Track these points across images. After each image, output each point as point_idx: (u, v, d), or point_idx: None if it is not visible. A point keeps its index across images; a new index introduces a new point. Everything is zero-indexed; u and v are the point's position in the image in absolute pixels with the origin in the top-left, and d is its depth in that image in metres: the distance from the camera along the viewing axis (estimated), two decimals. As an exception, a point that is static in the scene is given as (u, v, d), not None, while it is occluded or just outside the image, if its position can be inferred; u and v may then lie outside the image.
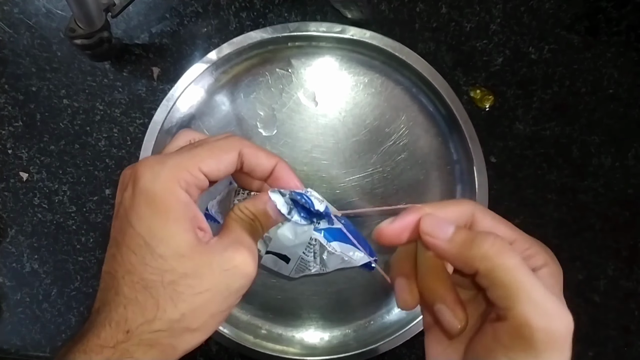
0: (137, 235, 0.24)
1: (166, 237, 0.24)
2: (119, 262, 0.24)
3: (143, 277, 0.24)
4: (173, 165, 0.25)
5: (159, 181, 0.25)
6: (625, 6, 0.51)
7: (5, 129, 0.50)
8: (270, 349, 0.46)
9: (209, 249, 0.25)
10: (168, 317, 0.24)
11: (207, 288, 0.24)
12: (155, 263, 0.24)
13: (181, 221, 0.25)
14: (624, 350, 0.50)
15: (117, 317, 0.23)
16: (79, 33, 0.44)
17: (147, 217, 0.24)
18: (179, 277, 0.24)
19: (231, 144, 0.28)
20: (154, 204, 0.24)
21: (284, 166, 0.29)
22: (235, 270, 0.25)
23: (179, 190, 0.25)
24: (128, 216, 0.25)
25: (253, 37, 0.46)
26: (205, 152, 0.26)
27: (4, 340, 0.49)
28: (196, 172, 0.26)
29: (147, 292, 0.24)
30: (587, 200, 0.50)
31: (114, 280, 0.24)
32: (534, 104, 0.50)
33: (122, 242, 0.25)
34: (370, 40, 0.46)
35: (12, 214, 0.49)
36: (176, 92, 0.46)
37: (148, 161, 0.25)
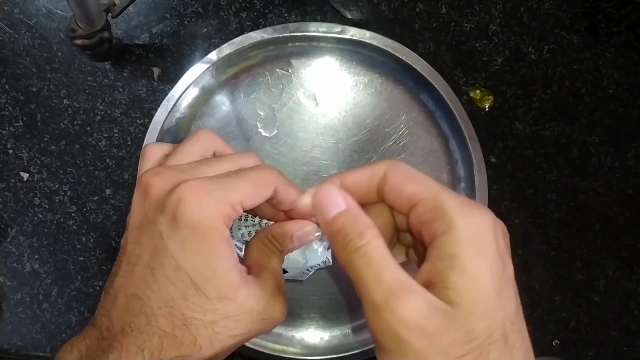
0: (180, 269, 0.23)
1: (211, 277, 0.23)
2: (154, 290, 0.23)
3: (183, 312, 0.23)
4: (220, 199, 0.24)
5: (207, 216, 0.23)
6: (625, 6, 0.51)
7: (5, 129, 0.50)
8: (270, 349, 0.46)
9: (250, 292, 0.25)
10: (203, 354, 0.24)
11: (243, 332, 0.25)
12: (198, 301, 0.23)
13: (226, 260, 0.24)
14: (624, 350, 0.50)
15: (151, 347, 0.23)
16: (80, 33, 0.44)
17: (192, 252, 0.23)
18: (220, 318, 0.24)
19: (271, 179, 0.27)
20: (200, 240, 0.23)
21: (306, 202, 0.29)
22: (272, 321, 0.26)
23: (224, 228, 0.24)
24: (167, 245, 0.23)
25: (253, 38, 0.46)
26: (248, 186, 0.25)
27: (4, 340, 0.49)
28: (238, 207, 0.25)
29: (187, 329, 0.23)
30: (587, 200, 0.50)
31: (144, 308, 0.23)
32: (534, 104, 0.50)
33: (159, 271, 0.23)
34: (370, 41, 0.46)
35: (13, 213, 0.49)
36: (176, 92, 0.46)
37: (193, 187, 0.24)
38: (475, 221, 0.22)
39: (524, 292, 0.50)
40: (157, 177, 0.25)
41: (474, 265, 0.21)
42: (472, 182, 0.46)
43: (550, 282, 0.50)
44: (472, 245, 0.22)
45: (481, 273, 0.21)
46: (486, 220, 0.22)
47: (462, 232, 0.22)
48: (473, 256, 0.21)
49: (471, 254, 0.21)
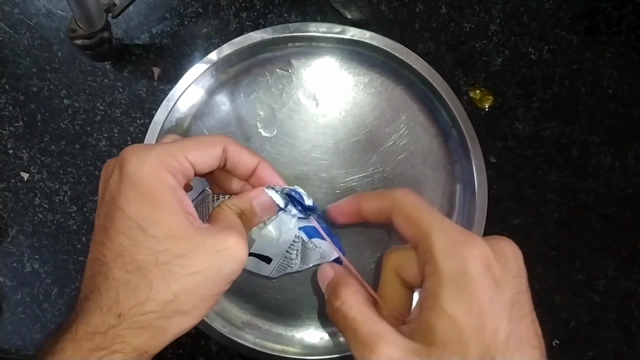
0: (127, 218, 0.24)
1: (158, 219, 0.24)
2: (108, 247, 0.24)
3: (136, 258, 0.24)
4: (160, 152, 0.25)
5: (146, 165, 0.25)
6: (625, 6, 0.51)
7: (5, 129, 0.50)
8: (270, 349, 0.46)
9: (202, 232, 0.25)
10: (161, 297, 0.23)
11: (200, 269, 0.24)
12: (148, 244, 0.24)
13: (171, 203, 0.25)
14: (624, 350, 0.50)
15: (108, 302, 0.23)
16: (80, 33, 0.44)
17: (136, 200, 0.24)
18: (173, 257, 0.24)
19: (216, 139, 0.28)
20: (142, 187, 0.24)
21: (267, 165, 0.30)
22: (228, 252, 0.25)
23: (166, 174, 0.25)
24: (116, 201, 0.24)
25: (253, 38, 0.46)
26: (192, 143, 0.27)
27: (5, 340, 0.49)
28: (183, 159, 0.26)
29: (141, 273, 0.23)
30: (587, 200, 0.50)
31: (102, 266, 0.24)
32: (534, 104, 0.50)
33: (110, 227, 0.24)
34: (370, 41, 0.46)
35: (13, 213, 0.49)
36: (176, 93, 0.46)
37: (134, 147, 0.25)
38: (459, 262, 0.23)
39: (524, 292, 0.50)
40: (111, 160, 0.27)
41: (452, 306, 0.22)
42: (472, 182, 0.46)
43: (550, 282, 0.50)
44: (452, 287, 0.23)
45: (459, 313, 0.22)
46: (475, 255, 0.23)
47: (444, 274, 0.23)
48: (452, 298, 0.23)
49: (451, 296, 0.23)
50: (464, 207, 0.47)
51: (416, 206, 0.26)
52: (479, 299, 0.23)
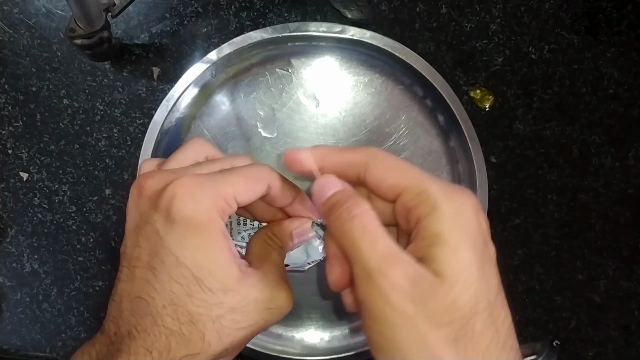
0: (180, 265, 0.23)
1: (214, 270, 0.23)
2: (157, 290, 0.23)
3: (189, 309, 0.23)
4: (213, 193, 0.24)
5: (201, 209, 0.23)
6: (626, 6, 0.51)
7: (5, 129, 0.50)
8: (270, 349, 0.46)
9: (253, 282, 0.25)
10: (212, 351, 0.23)
11: (250, 324, 0.24)
12: (203, 296, 0.23)
13: (226, 252, 0.24)
14: (624, 350, 0.50)
15: (159, 347, 0.23)
16: (79, 33, 0.44)
17: (191, 246, 0.23)
18: (226, 311, 0.24)
19: (264, 175, 0.27)
20: (198, 234, 0.23)
21: (304, 197, 0.29)
22: (277, 310, 0.26)
23: (219, 220, 0.24)
24: (165, 242, 0.23)
25: (253, 37, 0.46)
26: (241, 181, 0.25)
27: (4, 340, 0.49)
28: (232, 201, 0.25)
29: (194, 326, 0.23)
30: (588, 200, 0.50)
31: (150, 308, 0.23)
32: (534, 103, 0.50)
33: (161, 270, 0.23)
34: (370, 40, 0.46)
35: (12, 213, 0.49)
36: (176, 92, 0.46)
37: (185, 183, 0.24)
38: (458, 203, 0.23)
39: (524, 292, 0.50)
40: (149, 179, 0.25)
41: (456, 240, 0.22)
42: (472, 182, 0.46)
43: (551, 282, 0.50)
44: (454, 223, 0.22)
45: (463, 247, 0.22)
46: (470, 203, 0.23)
47: (445, 212, 0.22)
48: (456, 233, 0.22)
49: (454, 231, 0.22)
50: (464, 207, 0.47)
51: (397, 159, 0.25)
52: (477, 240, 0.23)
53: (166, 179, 0.24)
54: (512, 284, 0.50)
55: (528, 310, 0.50)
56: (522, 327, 0.50)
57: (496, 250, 0.25)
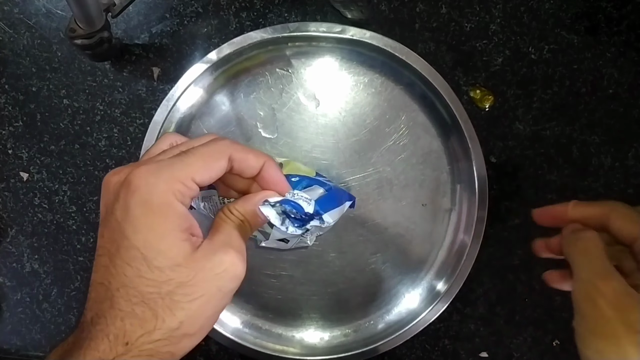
0: (132, 247, 0.24)
1: (163, 249, 0.25)
2: (112, 274, 0.24)
3: (140, 289, 0.24)
4: (168, 177, 0.25)
5: (155, 194, 0.25)
6: (626, 6, 0.51)
7: (5, 129, 0.50)
8: (270, 349, 0.46)
9: (201, 254, 0.26)
10: (167, 326, 0.24)
11: (202, 294, 0.25)
12: (152, 275, 0.24)
13: (178, 232, 0.25)
14: (624, 350, 0.50)
15: (115, 330, 0.24)
16: (79, 33, 0.44)
17: (144, 229, 0.24)
18: (176, 286, 0.24)
19: (221, 150, 0.28)
20: (152, 217, 0.25)
21: (272, 165, 0.30)
22: (225, 273, 0.26)
23: (176, 202, 0.25)
24: (122, 228, 0.25)
25: (253, 37, 0.46)
26: (198, 161, 0.27)
27: (4, 340, 0.49)
28: (190, 183, 0.26)
29: (145, 305, 0.24)
30: (588, 200, 0.50)
31: (107, 292, 0.24)
32: (534, 104, 0.50)
33: (115, 254, 0.25)
34: (370, 40, 0.46)
35: (13, 214, 0.49)
36: (176, 92, 0.46)
37: (141, 172, 0.25)
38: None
39: (524, 292, 0.50)
40: (113, 175, 0.26)
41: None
42: (472, 182, 0.46)
43: (550, 282, 0.50)
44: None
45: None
46: None
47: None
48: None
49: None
50: (464, 207, 0.47)
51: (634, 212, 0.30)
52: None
53: (127, 172, 0.26)
54: (512, 284, 0.50)
55: (528, 310, 0.50)
56: (522, 327, 0.50)
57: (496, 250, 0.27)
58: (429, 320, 0.46)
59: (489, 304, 0.50)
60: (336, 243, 0.47)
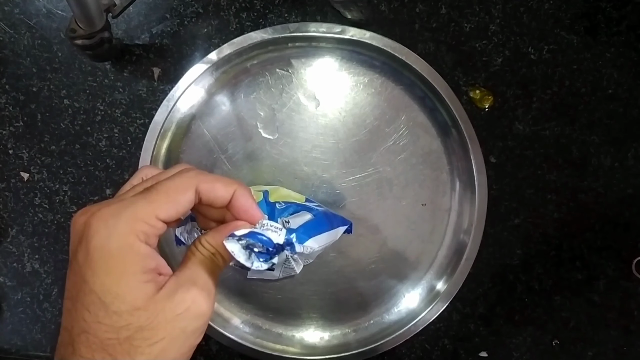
0: (90, 292, 0.24)
1: (121, 293, 0.24)
2: (74, 318, 0.24)
3: (98, 336, 0.24)
4: (129, 218, 0.24)
5: (114, 237, 0.24)
6: (625, 6, 0.51)
7: (6, 129, 0.50)
8: (271, 349, 0.46)
9: (163, 294, 0.25)
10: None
11: (162, 337, 0.24)
12: (109, 320, 0.24)
13: (138, 275, 0.24)
14: (624, 350, 0.50)
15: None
16: (80, 33, 0.44)
17: (102, 273, 0.24)
18: (135, 331, 0.24)
19: (186, 182, 0.27)
20: (110, 261, 0.24)
21: (242, 193, 0.28)
22: (187, 313, 0.25)
23: (138, 244, 0.25)
24: (82, 272, 0.24)
25: (253, 38, 0.46)
26: (161, 197, 0.26)
27: (5, 340, 0.49)
28: (154, 221, 0.25)
29: (105, 351, 0.23)
30: (587, 200, 0.50)
31: (70, 337, 0.24)
32: (534, 104, 0.50)
33: (76, 298, 0.24)
34: (370, 41, 0.46)
35: (13, 213, 0.49)
36: (177, 93, 0.46)
37: (101, 214, 0.24)
38: None
39: (524, 292, 0.50)
40: (79, 215, 0.25)
41: None
42: (472, 182, 0.46)
43: (550, 282, 0.50)
44: None
45: None
46: None
47: None
48: None
49: None
50: (464, 207, 0.47)
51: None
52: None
53: (91, 212, 0.25)
54: (512, 284, 0.50)
55: (528, 310, 0.50)
56: (521, 327, 0.50)
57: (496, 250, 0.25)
58: (428, 320, 0.46)
59: (489, 304, 0.50)
60: (336, 243, 0.47)
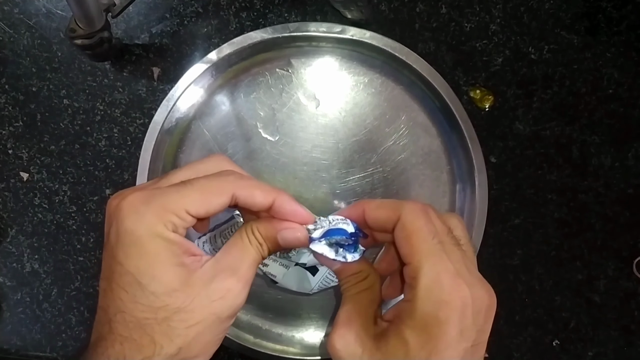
0: (126, 272, 0.24)
1: (157, 275, 0.24)
2: (110, 298, 0.25)
3: (135, 314, 0.24)
4: (158, 207, 0.25)
5: (143, 224, 0.25)
6: (626, 6, 0.51)
7: (5, 129, 0.50)
8: (271, 349, 0.46)
9: (200, 278, 0.25)
10: (165, 352, 0.24)
11: (198, 320, 0.25)
12: (146, 301, 0.24)
13: (169, 259, 0.25)
14: (624, 350, 0.50)
15: (114, 354, 0.24)
16: (79, 33, 0.44)
17: (135, 256, 0.24)
18: (172, 312, 0.24)
19: (224, 187, 0.27)
20: (141, 246, 0.24)
21: (284, 200, 0.28)
22: (222, 301, 0.25)
23: (166, 232, 0.25)
24: (115, 254, 0.25)
25: (253, 37, 0.46)
26: (195, 194, 0.26)
27: (4, 340, 0.49)
28: (183, 214, 0.25)
29: (142, 330, 0.24)
30: (587, 200, 0.50)
31: (106, 316, 0.24)
32: (534, 104, 0.50)
33: (111, 279, 0.25)
34: (370, 41, 0.46)
35: (13, 214, 0.49)
36: (176, 92, 0.46)
37: (133, 199, 0.25)
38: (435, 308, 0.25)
39: (524, 292, 0.50)
40: (113, 198, 0.26)
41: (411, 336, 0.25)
42: (472, 182, 0.46)
43: (551, 282, 0.50)
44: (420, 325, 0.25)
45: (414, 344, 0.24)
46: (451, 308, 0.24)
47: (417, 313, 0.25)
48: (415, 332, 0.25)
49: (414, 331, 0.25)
50: (464, 207, 0.47)
51: (419, 230, 0.26)
52: (437, 341, 0.24)
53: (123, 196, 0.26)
54: (512, 284, 0.50)
55: (528, 310, 0.50)
56: (522, 327, 0.50)
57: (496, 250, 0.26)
58: (429, 320, 0.46)
59: (489, 304, 0.50)
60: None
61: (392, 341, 0.25)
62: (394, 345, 0.25)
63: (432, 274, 0.25)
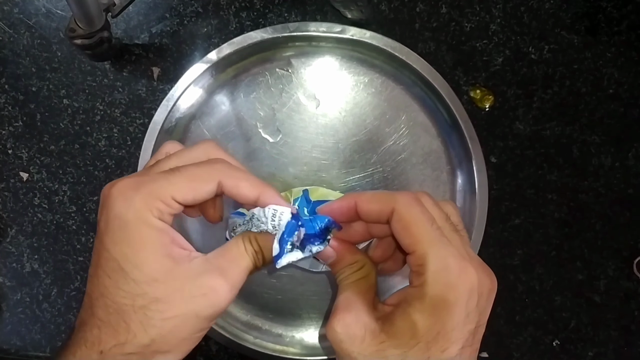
0: (111, 258, 0.24)
1: (140, 263, 0.24)
2: (94, 283, 0.25)
3: (115, 300, 0.24)
4: (146, 194, 0.25)
5: (131, 210, 0.25)
6: (626, 6, 0.51)
7: (5, 129, 0.50)
8: (271, 349, 0.46)
9: (186, 271, 0.25)
10: (138, 341, 0.24)
11: (176, 314, 0.24)
12: (127, 287, 0.24)
13: (155, 248, 0.25)
14: (624, 350, 0.50)
15: (91, 338, 0.24)
16: (79, 33, 0.44)
17: (121, 242, 0.25)
18: (150, 301, 0.24)
19: (211, 174, 0.27)
20: (127, 232, 0.25)
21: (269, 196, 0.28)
22: (204, 298, 0.25)
23: (152, 219, 0.25)
24: (103, 239, 0.25)
25: (253, 37, 0.46)
26: (182, 181, 0.26)
27: (4, 340, 0.49)
28: (169, 201, 0.26)
29: (119, 316, 0.24)
30: (588, 200, 0.50)
31: (90, 300, 0.25)
32: (534, 103, 0.50)
33: (98, 265, 0.25)
34: (370, 40, 0.46)
35: (12, 214, 0.49)
36: (176, 92, 0.46)
37: (122, 186, 0.25)
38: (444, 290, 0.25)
39: (524, 292, 0.50)
40: (107, 186, 0.27)
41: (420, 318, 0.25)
42: (472, 182, 0.46)
43: (551, 282, 0.50)
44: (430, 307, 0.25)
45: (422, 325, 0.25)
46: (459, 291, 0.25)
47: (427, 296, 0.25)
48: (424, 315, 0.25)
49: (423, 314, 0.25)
50: (464, 207, 0.47)
51: (417, 220, 0.26)
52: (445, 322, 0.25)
53: (113, 183, 0.26)
54: (512, 284, 0.50)
55: (528, 310, 0.50)
56: (522, 327, 0.50)
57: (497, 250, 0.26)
58: (429, 320, 0.46)
59: (489, 304, 0.50)
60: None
61: (399, 323, 0.25)
62: (401, 327, 0.25)
63: (439, 259, 0.25)
